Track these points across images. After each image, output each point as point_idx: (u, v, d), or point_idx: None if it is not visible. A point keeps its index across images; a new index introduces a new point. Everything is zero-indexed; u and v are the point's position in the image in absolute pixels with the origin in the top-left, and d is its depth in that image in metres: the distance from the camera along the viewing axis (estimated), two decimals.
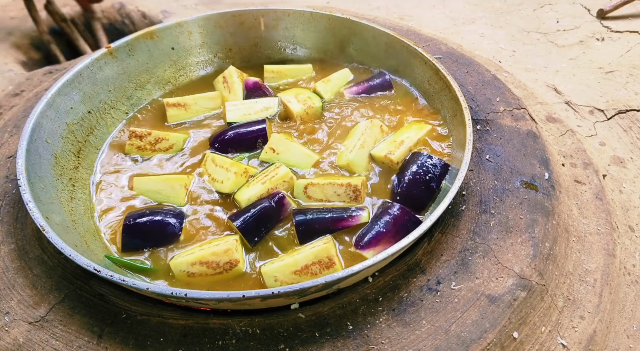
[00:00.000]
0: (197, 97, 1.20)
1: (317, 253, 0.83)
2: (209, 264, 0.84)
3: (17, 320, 0.79)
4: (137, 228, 0.89)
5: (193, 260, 0.84)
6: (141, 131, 1.10)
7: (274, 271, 0.82)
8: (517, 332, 0.80)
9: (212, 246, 0.86)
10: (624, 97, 1.44)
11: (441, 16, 1.98)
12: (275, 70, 1.28)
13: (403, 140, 1.00)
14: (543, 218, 0.93)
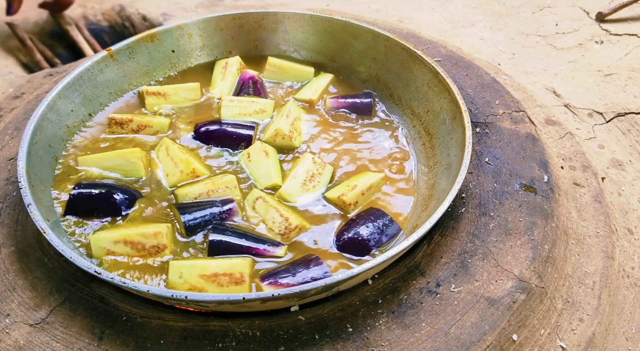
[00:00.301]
0: (177, 87, 1.21)
1: (232, 265, 0.82)
2: (134, 245, 0.84)
3: (18, 322, 0.80)
4: (82, 195, 0.92)
5: (117, 238, 0.84)
6: (121, 118, 1.08)
7: (182, 267, 0.82)
8: (516, 334, 0.80)
9: (141, 228, 0.87)
10: (623, 100, 1.44)
11: (441, 19, 1.98)
12: (278, 65, 1.28)
13: (356, 184, 0.98)
14: (542, 220, 0.94)
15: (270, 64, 1.28)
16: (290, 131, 1.08)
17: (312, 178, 1.00)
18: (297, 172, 1.00)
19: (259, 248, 0.88)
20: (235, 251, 0.87)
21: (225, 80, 1.25)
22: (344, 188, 0.98)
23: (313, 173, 1.01)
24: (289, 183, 0.99)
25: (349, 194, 0.96)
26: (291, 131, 1.08)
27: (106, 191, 0.93)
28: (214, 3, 2.07)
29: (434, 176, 1.01)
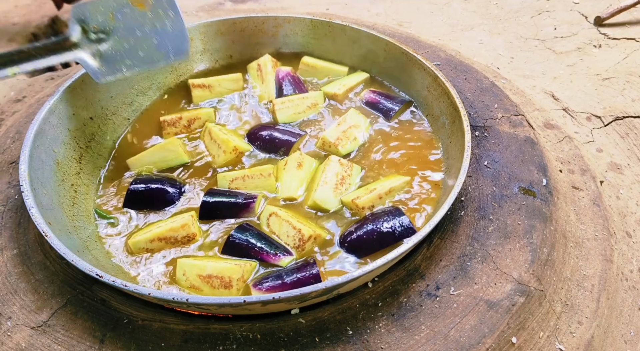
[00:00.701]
0: (220, 78, 1.26)
1: (223, 269, 0.84)
2: (168, 239, 0.92)
3: (20, 325, 0.80)
4: (139, 191, 1.00)
5: (151, 237, 0.91)
6: (171, 118, 1.15)
7: (185, 266, 0.86)
8: (515, 337, 0.80)
9: (169, 223, 0.93)
10: (621, 104, 1.45)
11: (440, 23, 1.99)
12: (311, 64, 1.29)
13: (375, 187, 0.97)
14: (541, 223, 0.94)
15: (304, 63, 1.29)
16: (338, 138, 1.08)
17: (342, 181, 1.00)
18: (326, 177, 0.99)
19: (263, 254, 0.89)
20: (245, 254, 0.89)
21: (267, 81, 1.26)
22: (362, 191, 0.98)
23: (342, 176, 1.00)
24: (321, 190, 0.97)
25: (363, 198, 0.95)
26: (339, 138, 1.08)
27: (160, 185, 1.02)
28: (214, 7, 2.09)
29: (434, 180, 1.02)
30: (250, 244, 0.90)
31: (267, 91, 1.25)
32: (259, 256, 0.89)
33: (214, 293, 0.84)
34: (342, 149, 1.07)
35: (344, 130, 1.09)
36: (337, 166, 1.01)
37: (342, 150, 1.07)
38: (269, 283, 0.83)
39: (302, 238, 0.90)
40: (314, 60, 1.30)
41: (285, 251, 0.90)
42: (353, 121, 1.12)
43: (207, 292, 0.85)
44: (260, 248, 0.89)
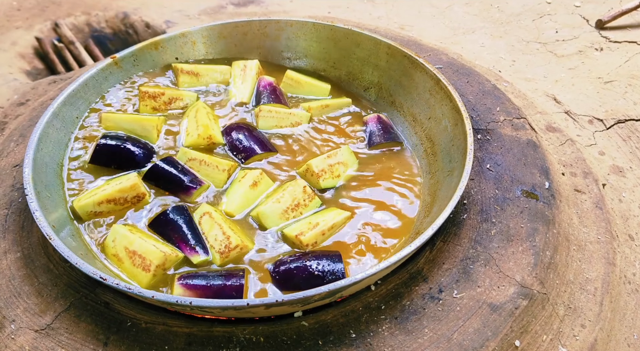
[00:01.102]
0: (209, 68, 1.26)
1: (149, 251, 0.84)
2: (117, 201, 0.93)
3: (23, 328, 0.80)
4: (108, 146, 1.01)
5: (99, 200, 0.92)
6: (154, 91, 1.13)
7: (117, 233, 0.87)
8: (518, 341, 0.80)
9: (116, 184, 0.94)
10: (623, 107, 1.45)
11: (441, 26, 2.00)
12: (295, 78, 1.27)
13: (318, 222, 0.91)
14: (544, 226, 0.94)
15: (288, 77, 1.26)
16: (322, 170, 1.02)
17: (295, 208, 0.94)
18: (283, 197, 0.94)
19: (182, 243, 0.88)
20: (166, 236, 0.90)
21: (245, 83, 1.26)
22: (305, 225, 0.91)
23: (299, 203, 0.95)
24: (271, 206, 0.93)
25: (308, 234, 0.88)
26: (324, 170, 1.02)
27: (130, 144, 1.03)
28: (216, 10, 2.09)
29: (436, 183, 1.02)
30: (175, 227, 0.89)
31: (241, 92, 1.24)
32: (177, 243, 0.88)
33: (132, 271, 0.84)
34: (323, 182, 1.01)
35: (332, 164, 1.04)
36: (300, 191, 0.96)
37: (322, 183, 1.01)
38: (195, 282, 0.81)
39: (229, 246, 0.86)
40: (298, 75, 1.27)
41: (204, 249, 0.88)
42: (343, 158, 1.06)
43: (126, 267, 0.85)
44: (182, 235, 0.88)
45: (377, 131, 1.15)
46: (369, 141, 1.14)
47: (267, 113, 1.15)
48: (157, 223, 0.91)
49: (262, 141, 1.09)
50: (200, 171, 1.01)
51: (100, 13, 2.16)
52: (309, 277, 0.82)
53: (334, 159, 1.05)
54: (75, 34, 2.09)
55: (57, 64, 1.95)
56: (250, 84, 1.25)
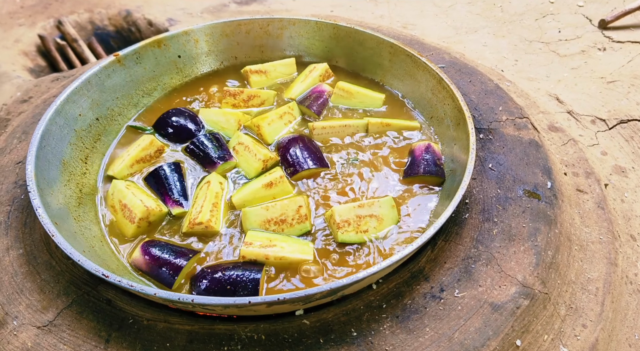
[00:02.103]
0: (276, 63, 1.31)
1: (135, 205, 0.92)
2: (144, 159, 1.06)
3: (26, 324, 0.80)
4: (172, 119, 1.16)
5: (130, 162, 1.04)
6: (234, 90, 1.21)
7: (116, 187, 0.97)
8: (520, 340, 0.80)
9: (137, 146, 1.07)
10: (626, 107, 1.45)
11: (444, 25, 2.00)
12: (346, 89, 1.20)
13: (275, 245, 0.88)
14: (545, 226, 0.94)
15: (339, 87, 1.21)
16: (346, 220, 0.89)
17: (280, 222, 0.91)
18: (273, 206, 0.92)
19: (167, 194, 0.97)
20: (156, 187, 0.99)
21: (304, 83, 1.27)
22: (259, 238, 0.88)
23: (285, 219, 0.91)
24: (257, 210, 0.92)
25: (250, 248, 0.86)
26: (347, 221, 0.89)
27: (191, 122, 1.15)
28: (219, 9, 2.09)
29: None
30: (167, 182, 0.98)
31: (295, 91, 1.25)
32: (163, 195, 0.97)
33: (122, 221, 0.93)
34: (342, 235, 0.88)
35: (361, 215, 0.90)
36: (293, 209, 0.91)
37: (341, 236, 0.88)
38: (152, 250, 0.86)
39: (195, 219, 0.90)
40: (349, 85, 1.21)
41: (184, 203, 0.96)
42: (379, 211, 0.90)
43: (119, 217, 0.94)
44: (170, 187, 0.97)
45: (419, 161, 1.01)
46: (406, 170, 1.02)
47: (321, 130, 1.11)
48: (150, 176, 1.01)
49: (315, 155, 1.03)
50: (241, 155, 1.05)
51: (103, 11, 2.17)
52: (221, 288, 0.81)
53: (366, 210, 0.90)
54: (78, 32, 2.09)
55: (60, 62, 1.95)
56: (307, 84, 1.26)
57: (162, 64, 1.27)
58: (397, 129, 1.13)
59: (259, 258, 0.86)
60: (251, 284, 0.81)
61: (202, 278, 0.83)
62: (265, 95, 1.22)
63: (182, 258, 0.85)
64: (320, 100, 1.21)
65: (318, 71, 1.29)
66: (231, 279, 0.81)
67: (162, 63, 1.27)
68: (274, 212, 0.92)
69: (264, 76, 1.29)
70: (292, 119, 1.16)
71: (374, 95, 1.21)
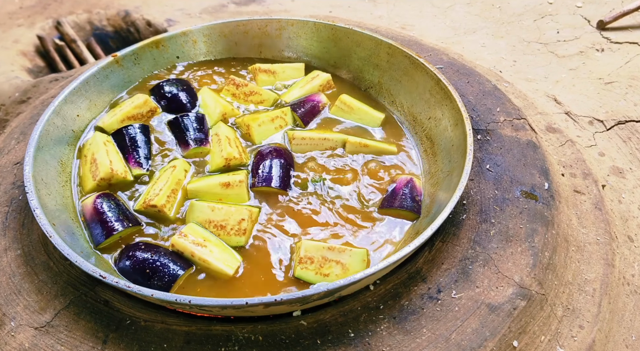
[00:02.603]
0: (285, 66, 1.31)
1: (101, 162, 0.99)
2: (135, 117, 1.12)
3: (23, 325, 0.80)
4: (167, 91, 1.18)
5: (121, 118, 1.10)
6: (240, 80, 1.21)
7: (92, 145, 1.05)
8: (516, 341, 0.80)
9: (130, 103, 1.12)
10: (624, 108, 1.45)
11: (442, 26, 2.00)
12: (347, 103, 1.18)
13: (203, 243, 0.87)
14: (543, 227, 0.94)
15: (341, 100, 1.18)
16: (309, 258, 0.85)
17: (220, 227, 0.90)
18: (220, 209, 0.91)
19: (131, 154, 1.02)
20: (122, 150, 1.04)
21: (303, 89, 1.25)
22: (194, 231, 0.88)
23: (226, 226, 0.90)
24: (202, 206, 0.92)
25: (176, 238, 0.86)
26: (311, 259, 0.85)
27: (185, 94, 1.18)
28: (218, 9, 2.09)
29: (436, 183, 1.02)
30: (138, 143, 1.04)
31: (292, 95, 1.23)
32: (127, 155, 1.02)
33: (86, 174, 0.98)
34: (301, 271, 0.84)
35: (327, 258, 0.85)
36: (236, 219, 0.89)
37: (299, 272, 0.84)
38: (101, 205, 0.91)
39: (150, 201, 0.92)
40: (352, 100, 1.19)
41: (146, 165, 1.02)
42: (348, 260, 0.86)
43: (85, 168, 0.99)
44: (133, 149, 1.03)
45: (397, 194, 0.99)
46: (383, 201, 0.99)
47: (301, 141, 1.09)
48: (118, 134, 1.05)
49: (284, 175, 1.00)
50: (212, 146, 1.06)
51: (101, 11, 2.17)
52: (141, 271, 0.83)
53: (335, 255, 0.85)
54: (77, 32, 2.09)
55: (59, 62, 1.95)
56: (305, 91, 1.24)
57: (160, 64, 1.28)
58: (374, 152, 1.10)
59: (185, 252, 0.85)
60: (168, 279, 0.82)
61: (131, 252, 0.85)
62: (266, 95, 1.21)
63: (122, 223, 0.89)
64: (312, 109, 1.18)
65: (319, 80, 1.27)
66: (154, 266, 0.82)
67: (160, 64, 1.28)
68: (218, 215, 0.90)
69: (272, 76, 1.28)
70: (284, 125, 1.14)
71: (374, 113, 1.17)
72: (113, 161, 0.97)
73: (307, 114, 1.17)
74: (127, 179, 0.97)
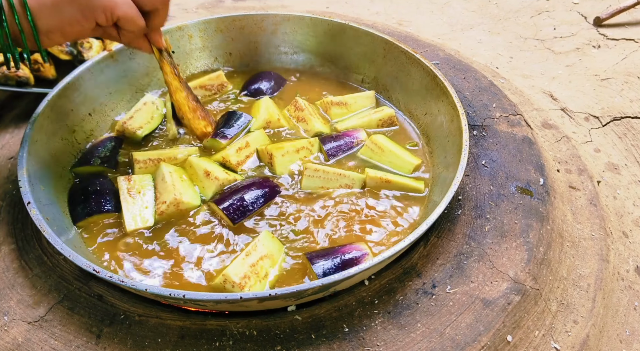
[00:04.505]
0: (356, 96, 1.24)
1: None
2: (205, 87, 1.27)
3: (17, 320, 0.80)
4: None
5: (195, 85, 1.24)
6: (300, 104, 1.18)
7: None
8: (511, 336, 0.81)
9: (206, 78, 1.27)
10: (619, 105, 1.45)
11: (439, 22, 2.00)
12: (379, 144, 1.07)
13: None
14: (538, 223, 0.95)
15: (372, 141, 1.08)
16: (245, 276, 0.82)
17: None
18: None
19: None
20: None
21: (360, 119, 1.18)
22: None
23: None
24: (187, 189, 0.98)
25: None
26: (247, 276, 0.82)
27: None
28: (214, 4, 2.08)
29: (431, 178, 1.02)
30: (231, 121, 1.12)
31: (346, 123, 1.18)
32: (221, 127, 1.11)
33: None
34: (250, 291, 0.81)
35: (253, 263, 0.84)
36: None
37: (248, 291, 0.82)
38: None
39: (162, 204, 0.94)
40: (384, 141, 1.08)
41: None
42: (265, 250, 0.86)
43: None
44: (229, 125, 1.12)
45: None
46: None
47: (313, 172, 1.00)
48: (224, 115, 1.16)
49: (241, 208, 0.94)
50: (232, 157, 1.05)
51: None
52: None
53: (254, 256, 0.85)
54: None
55: None
56: (361, 123, 1.17)
57: (156, 59, 1.27)
58: (398, 188, 1.00)
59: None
60: (89, 209, 0.92)
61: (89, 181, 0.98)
62: (311, 126, 1.14)
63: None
64: (344, 145, 1.09)
65: (380, 114, 1.17)
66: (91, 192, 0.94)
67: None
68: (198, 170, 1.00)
69: (344, 108, 1.22)
70: (309, 155, 1.08)
71: (407, 158, 1.05)
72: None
73: (335, 149, 1.08)
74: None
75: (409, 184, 1.00)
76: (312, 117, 1.16)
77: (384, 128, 1.18)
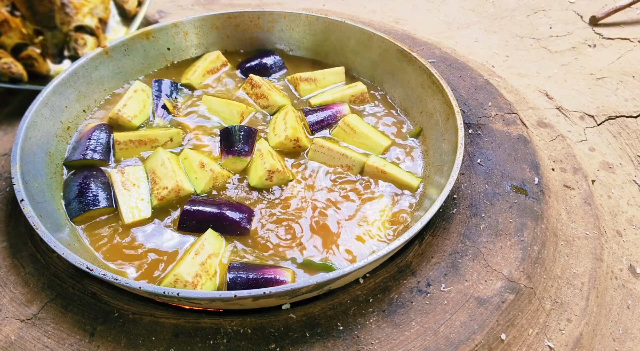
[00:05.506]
0: (325, 72, 1.27)
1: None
2: (213, 70, 1.29)
3: (9, 318, 0.80)
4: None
5: (202, 72, 1.25)
6: (256, 81, 1.19)
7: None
8: (504, 334, 0.81)
9: (205, 59, 1.28)
10: (614, 104, 1.46)
11: (436, 20, 1.99)
12: (352, 126, 1.09)
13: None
14: (532, 221, 0.95)
15: (345, 122, 1.10)
16: (197, 275, 0.81)
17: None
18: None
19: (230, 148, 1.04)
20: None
21: (333, 95, 1.21)
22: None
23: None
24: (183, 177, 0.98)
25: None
26: (198, 275, 0.81)
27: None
28: (210, 1, 2.07)
29: (427, 177, 1.02)
30: (234, 137, 1.05)
31: (318, 99, 1.21)
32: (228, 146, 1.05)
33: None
34: (202, 289, 0.81)
35: (202, 262, 0.83)
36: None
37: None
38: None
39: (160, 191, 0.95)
40: (358, 122, 1.10)
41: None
42: (211, 248, 0.86)
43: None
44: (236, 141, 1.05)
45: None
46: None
47: (319, 148, 1.04)
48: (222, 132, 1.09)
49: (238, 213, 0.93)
50: (257, 158, 1.02)
51: None
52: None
53: (202, 255, 0.84)
54: None
55: None
56: (333, 98, 1.20)
57: (150, 56, 1.26)
58: (392, 181, 1.02)
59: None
60: (87, 202, 0.92)
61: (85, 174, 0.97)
62: (272, 101, 1.16)
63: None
64: (327, 118, 1.13)
65: (352, 90, 1.20)
66: (86, 187, 0.94)
67: (151, 55, 1.26)
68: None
69: (313, 84, 1.24)
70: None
71: (378, 140, 1.08)
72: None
73: (318, 124, 1.12)
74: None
75: (403, 178, 1.01)
76: (270, 92, 1.18)
77: (357, 105, 1.21)
